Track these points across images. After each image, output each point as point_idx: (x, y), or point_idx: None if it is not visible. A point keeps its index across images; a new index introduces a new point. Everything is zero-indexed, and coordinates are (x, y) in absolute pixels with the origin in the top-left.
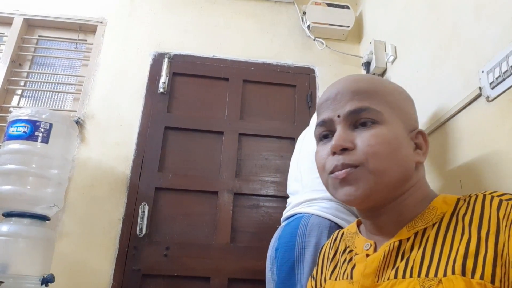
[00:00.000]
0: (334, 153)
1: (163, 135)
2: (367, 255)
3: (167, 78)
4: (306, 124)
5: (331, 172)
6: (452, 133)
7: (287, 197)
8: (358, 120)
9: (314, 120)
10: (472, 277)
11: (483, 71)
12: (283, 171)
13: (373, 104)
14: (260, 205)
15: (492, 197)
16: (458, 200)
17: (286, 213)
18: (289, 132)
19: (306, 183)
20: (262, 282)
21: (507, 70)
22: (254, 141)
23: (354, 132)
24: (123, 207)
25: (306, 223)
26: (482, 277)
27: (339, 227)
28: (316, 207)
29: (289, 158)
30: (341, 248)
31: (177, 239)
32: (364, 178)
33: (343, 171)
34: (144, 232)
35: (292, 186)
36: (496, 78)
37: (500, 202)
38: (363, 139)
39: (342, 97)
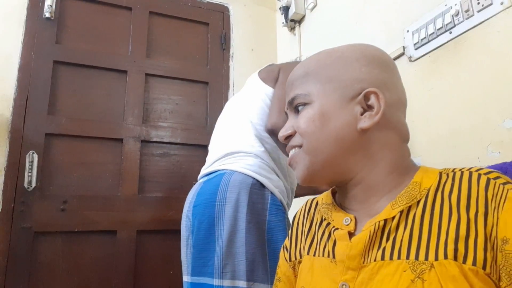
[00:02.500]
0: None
1: (52, 71)
2: (350, 233)
3: (55, 0)
4: (221, 67)
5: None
6: None
7: (200, 145)
8: (296, 107)
9: (252, 79)
10: (464, 262)
11: (408, 31)
12: (196, 117)
13: (302, 89)
14: (170, 153)
15: (479, 175)
16: (440, 174)
17: (205, 169)
18: (202, 76)
19: (231, 137)
20: (173, 232)
21: (433, 33)
22: (163, 83)
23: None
24: (4, 156)
25: (228, 180)
26: (474, 263)
27: (261, 184)
28: (240, 163)
29: (202, 104)
30: (317, 219)
31: (75, 191)
32: (301, 160)
33: (289, 156)
34: (34, 184)
35: (214, 142)
36: (421, 40)
37: (488, 181)
38: (296, 123)
39: (290, 87)
